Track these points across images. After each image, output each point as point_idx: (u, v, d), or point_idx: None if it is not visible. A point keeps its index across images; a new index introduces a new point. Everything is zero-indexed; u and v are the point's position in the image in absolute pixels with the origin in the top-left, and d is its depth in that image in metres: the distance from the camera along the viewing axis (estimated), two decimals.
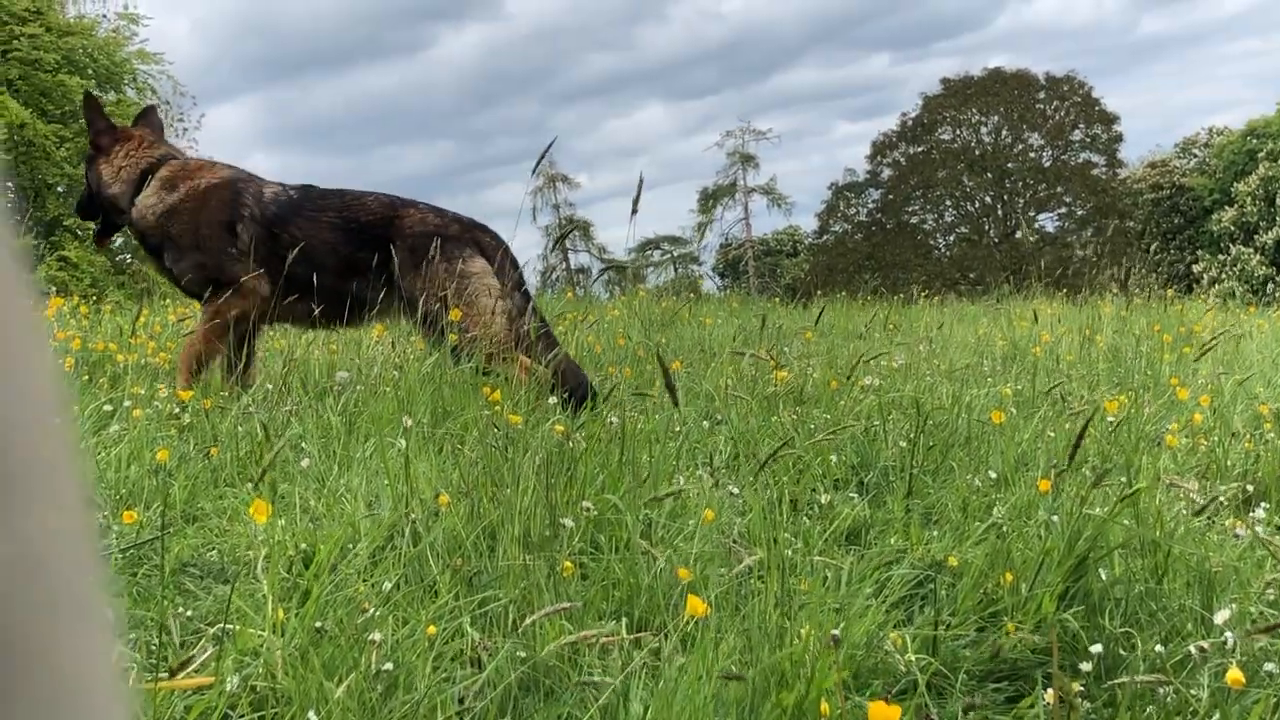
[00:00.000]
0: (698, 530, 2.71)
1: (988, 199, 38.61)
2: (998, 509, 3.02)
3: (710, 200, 45.33)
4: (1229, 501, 3.41)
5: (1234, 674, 1.85)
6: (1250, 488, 3.59)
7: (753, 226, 45.40)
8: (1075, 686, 2.06)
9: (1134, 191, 37.48)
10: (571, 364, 4.62)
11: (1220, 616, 2.15)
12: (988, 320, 8.94)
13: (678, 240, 46.21)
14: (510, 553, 2.53)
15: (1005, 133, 38.01)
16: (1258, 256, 33.04)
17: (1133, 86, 74.14)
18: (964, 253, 37.77)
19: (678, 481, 3.17)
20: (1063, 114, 37.70)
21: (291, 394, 4.33)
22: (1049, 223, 38.40)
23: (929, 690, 2.18)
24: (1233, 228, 34.26)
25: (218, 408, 3.93)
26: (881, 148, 39.40)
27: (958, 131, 38.60)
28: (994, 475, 3.43)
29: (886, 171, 39.35)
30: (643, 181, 3.55)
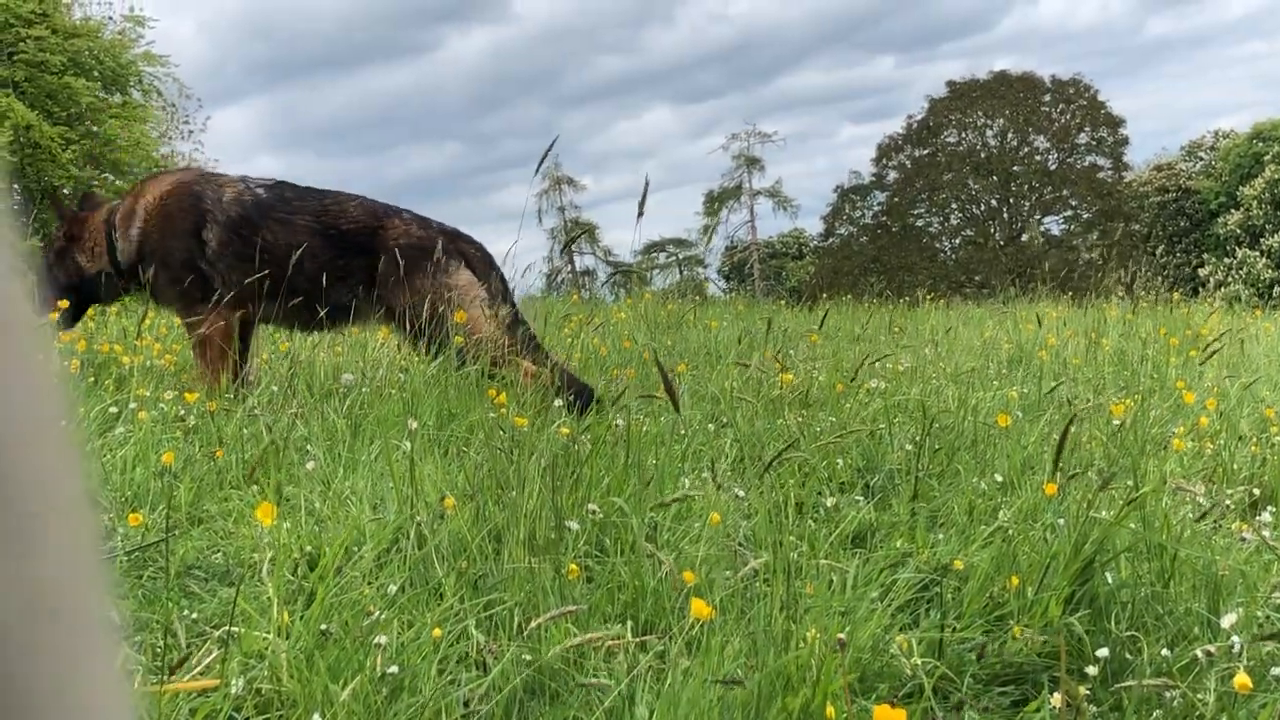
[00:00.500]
0: (703, 533, 2.71)
1: (993, 202, 38.54)
2: (1004, 513, 3.01)
3: (715, 203, 45.32)
4: (1235, 505, 3.41)
5: (1241, 678, 1.85)
6: (1257, 491, 3.58)
7: (758, 229, 45.41)
8: (1081, 690, 2.05)
9: (1140, 195, 37.41)
10: (568, 372, 4.60)
11: (1227, 620, 2.14)
12: (993, 323, 8.92)
13: (683, 243, 46.23)
14: (516, 555, 2.53)
15: (1011, 135, 37.93)
16: (1264, 260, 32.98)
17: (1139, 89, 74.15)
18: (969, 256, 37.68)
19: (683, 484, 3.16)
20: (1068, 117, 37.61)
21: (297, 396, 4.33)
22: (1054, 226, 38.33)
23: (935, 694, 2.18)
24: (1239, 231, 34.20)
25: (223, 410, 3.93)
26: (887, 150, 39.34)
27: (963, 134, 38.54)
28: (1000, 479, 3.42)
29: (892, 174, 39.28)
30: (648, 184, 3.55)
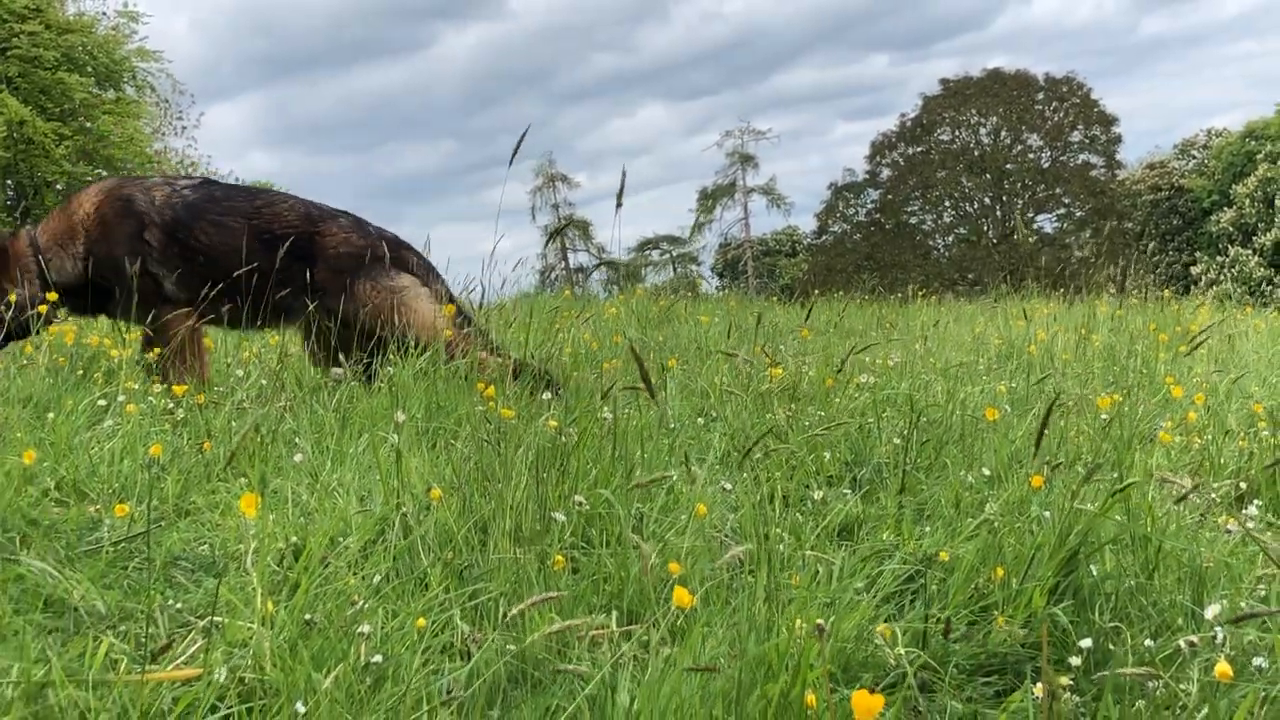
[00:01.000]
0: (689, 525, 2.71)
1: (986, 200, 38.57)
2: (990, 505, 3.02)
3: (709, 200, 45.30)
4: (1222, 499, 3.41)
5: (1222, 667, 1.86)
6: (1243, 485, 3.59)
7: (752, 226, 45.40)
8: (1064, 681, 2.06)
9: (1133, 193, 37.45)
10: (527, 362, 4.59)
11: (1210, 611, 2.15)
12: (984, 319, 8.94)
13: (677, 240, 46.20)
14: (502, 546, 2.53)
15: (1004, 134, 37.96)
16: (1256, 258, 33.04)
17: (1133, 88, 74.25)
18: (962, 253, 37.72)
19: (670, 478, 3.16)
20: (1062, 115, 37.65)
21: (286, 390, 4.33)
22: (1047, 224, 38.36)
23: (918, 685, 2.18)
24: (1231, 229, 34.26)
25: (211, 403, 3.93)
26: (880, 148, 39.35)
27: (957, 132, 38.56)
28: (987, 472, 3.42)
29: (885, 172, 39.30)
30: (625, 175, 3.55)
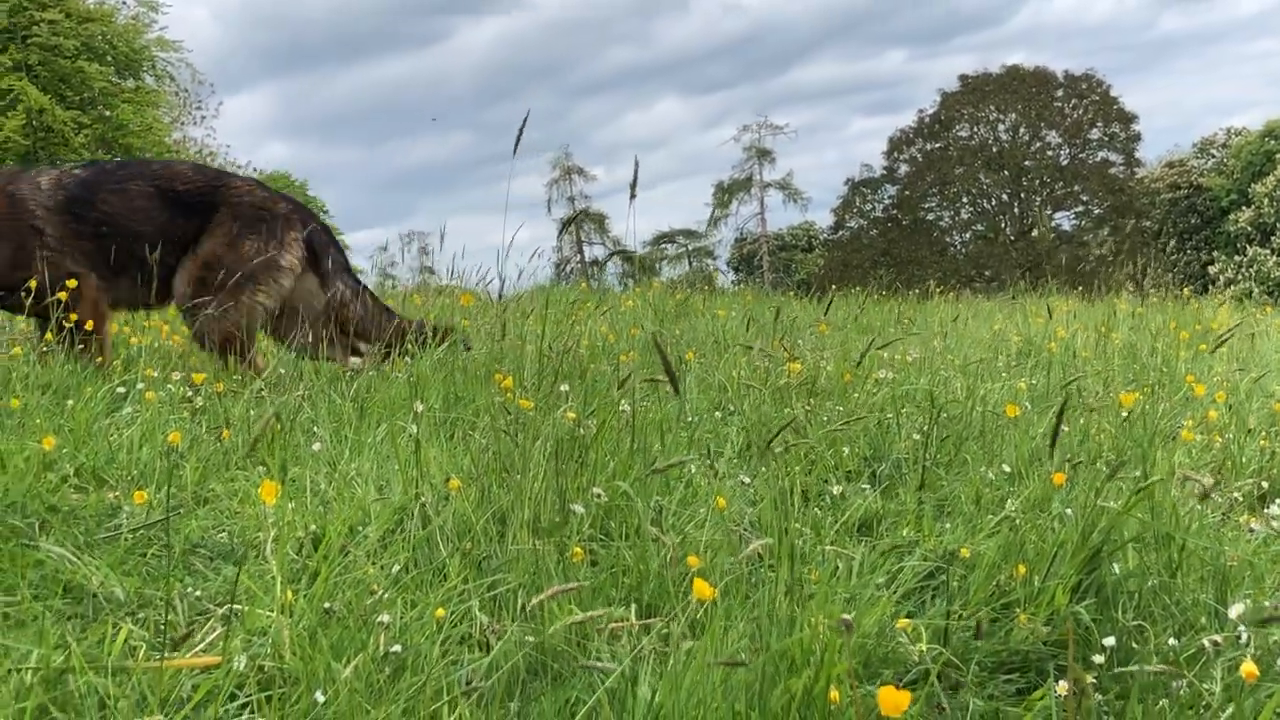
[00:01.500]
0: (708, 518, 2.70)
1: (1004, 196, 38.41)
2: (1011, 502, 3.00)
3: (726, 194, 45.26)
4: (1244, 498, 3.39)
5: (1248, 667, 1.83)
6: (1265, 484, 3.56)
7: (768, 221, 45.33)
8: (1088, 678, 2.04)
9: (1151, 191, 37.26)
10: (414, 321, 4.96)
11: (1235, 610, 2.13)
12: (1003, 316, 8.89)
13: (693, 234, 46.19)
14: (520, 538, 2.52)
15: (1023, 130, 37.79)
16: (1274, 258, 32.83)
17: (1151, 85, 73.84)
18: (980, 250, 37.58)
19: (689, 471, 3.15)
20: (1081, 112, 37.46)
21: (304, 379, 4.33)
22: (1065, 221, 38.20)
23: (940, 680, 2.16)
24: (1249, 228, 34.06)
25: (230, 392, 3.93)
26: (898, 144, 39.22)
27: (975, 129, 38.40)
28: (1008, 469, 3.40)
29: (903, 168, 39.18)
30: (638, 166, 3.54)
